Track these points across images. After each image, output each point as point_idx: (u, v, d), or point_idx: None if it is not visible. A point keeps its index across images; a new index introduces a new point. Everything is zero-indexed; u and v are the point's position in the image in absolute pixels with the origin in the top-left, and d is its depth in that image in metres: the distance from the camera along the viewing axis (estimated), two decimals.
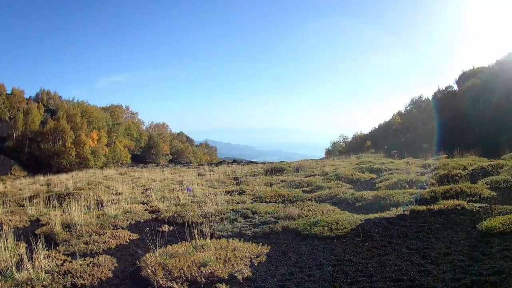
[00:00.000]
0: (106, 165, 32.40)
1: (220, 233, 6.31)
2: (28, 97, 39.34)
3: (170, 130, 57.94)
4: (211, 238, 5.77)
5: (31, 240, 5.84)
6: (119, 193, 11.91)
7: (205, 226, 6.24)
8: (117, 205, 9.07)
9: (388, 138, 39.17)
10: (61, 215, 8.16)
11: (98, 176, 19.38)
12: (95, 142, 33.38)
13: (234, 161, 34.96)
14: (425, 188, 8.53)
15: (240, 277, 4.23)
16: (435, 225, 5.62)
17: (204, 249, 5.10)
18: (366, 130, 50.20)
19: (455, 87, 35.61)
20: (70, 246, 5.92)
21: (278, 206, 7.85)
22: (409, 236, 5.23)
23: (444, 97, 35.22)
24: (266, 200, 9.04)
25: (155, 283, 4.18)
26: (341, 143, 50.74)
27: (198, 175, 17.91)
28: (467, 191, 7.36)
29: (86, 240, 6.17)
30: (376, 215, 6.46)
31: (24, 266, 4.70)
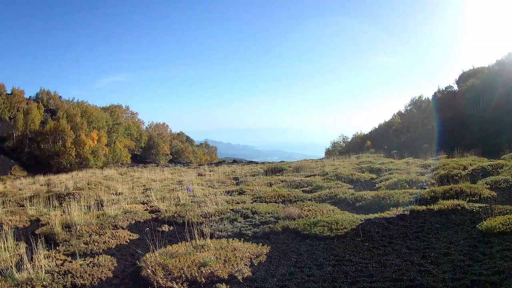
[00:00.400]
0: (106, 165, 32.40)
1: (220, 233, 6.30)
2: (28, 97, 39.32)
3: (170, 130, 58.04)
4: (211, 238, 5.77)
5: (31, 240, 5.84)
6: (119, 193, 11.91)
7: (205, 226, 6.24)
8: (117, 205, 9.07)
9: (388, 138, 39.19)
10: (61, 215, 8.17)
11: (98, 176, 19.39)
12: (95, 142, 33.37)
13: (234, 161, 34.96)
14: (425, 188, 8.53)
15: (240, 277, 4.24)
16: (435, 225, 5.62)
17: (204, 249, 5.10)
18: (366, 130, 50.39)
19: (455, 87, 35.63)
20: (70, 246, 5.93)
21: (278, 206, 7.85)
22: (409, 236, 5.23)
23: (444, 97, 35.23)
24: (266, 200, 9.04)
25: (155, 283, 4.18)
26: (341, 143, 50.82)
27: (198, 175, 17.91)
28: (467, 191, 7.36)
29: (86, 240, 6.17)
30: (376, 215, 6.46)
31: (24, 266, 4.70)
